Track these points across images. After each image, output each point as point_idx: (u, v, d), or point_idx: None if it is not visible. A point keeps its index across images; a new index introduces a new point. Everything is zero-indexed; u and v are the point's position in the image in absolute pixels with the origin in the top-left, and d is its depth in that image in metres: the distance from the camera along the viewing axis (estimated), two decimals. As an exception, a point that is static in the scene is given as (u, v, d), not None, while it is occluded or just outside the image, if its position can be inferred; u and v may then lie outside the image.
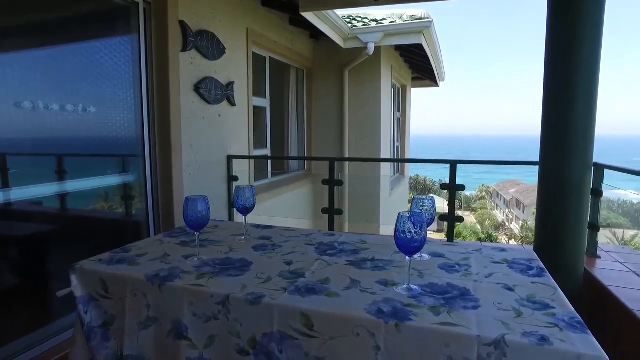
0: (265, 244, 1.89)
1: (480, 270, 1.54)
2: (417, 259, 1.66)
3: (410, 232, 1.29)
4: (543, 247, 2.81)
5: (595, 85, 2.55)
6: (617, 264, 3.00)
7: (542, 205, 2.80)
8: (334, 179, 3.72)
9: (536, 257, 1.68)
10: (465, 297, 1.29)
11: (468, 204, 41.49)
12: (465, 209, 40.78)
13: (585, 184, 2.68)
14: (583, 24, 2.50)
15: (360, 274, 1.50)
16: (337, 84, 6.24)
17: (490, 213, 38.34)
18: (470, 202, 41.97)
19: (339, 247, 1.84)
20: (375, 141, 6.19)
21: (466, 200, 42.11)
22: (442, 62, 7.75)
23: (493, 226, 34.67)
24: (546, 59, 2.66)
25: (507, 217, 38.86)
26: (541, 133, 2.73)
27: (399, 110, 8.44)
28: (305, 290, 1.35)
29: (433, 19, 5.33)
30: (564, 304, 1.26)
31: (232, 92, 4.18)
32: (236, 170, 4.29)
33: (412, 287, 1.35)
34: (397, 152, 8.33)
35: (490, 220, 35.99)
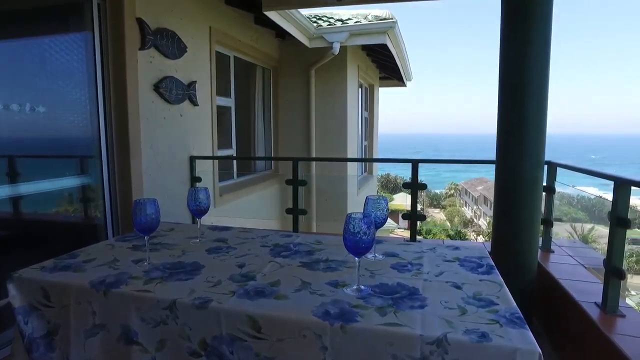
0: (220, 247, 1.85)
1: (431, 269, 1.56)
2: (371, 259, 1.67)
3: (359, 233, 1.30)
4: (500, 242, 2.89)
5: (546, 88, 2.64)
6: (569, 258, 3.12)
7: (498, 203, 2.88)
8: (297, 179, 3.71)
9: (487, 255, 1.73)
10: (414, 297, 1.30)
11: (438, 201, 42.39)
12: (435, 206, 41.64)
13: (538, 181, 2.76)
14: (533, 30, 2.58)
15: (311, 276, 1.49)
16: (303, 84, 6.22)
17: (459, 210, 39.30)
18: (440, 200, 42.88)
19: (294, 248, 1.83)
20: (342, 140, 6.22)
21: (436, 198, 43.02)
22: (408, 62, 7.86)
23: (462, 223, 35.55)
24: (500, 66, 2.74)
25: (475, 214, 39.92)
26: (497, 133, 2.81)
27: (367, 110, 8.51)
28: (254, 293, 1.34)
29: (397, 19, 5.40)
30: (508, 300, 1.29)
31: (194, 91, 4.10)
32: (200, 170, 4.22)
33: (362, 288, 1.36)
34: (365, 151, 8.41)
35: (459, 217, 36.90)
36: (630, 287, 25.71)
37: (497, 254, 2.88)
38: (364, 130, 8.32)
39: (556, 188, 3.17)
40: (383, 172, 42.44)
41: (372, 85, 8.70)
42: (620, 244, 2.16)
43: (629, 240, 30.15)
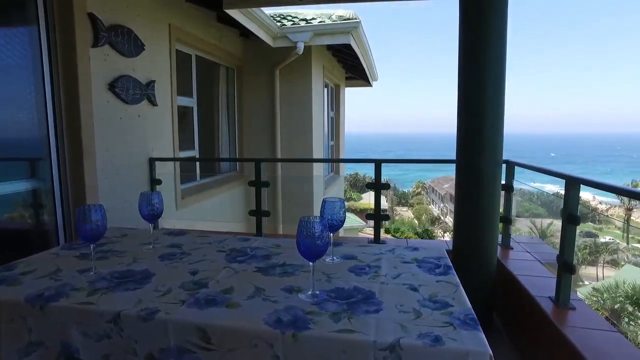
0: (174, 253, 1.78)
1: (389, 271, 1.55)
2: (329, 262, 1.65)
3: (313, 237, 1.26)
4: (461, 240, 2.94)
5: (502, 89, 2.69)
6: (526, 254, 3.21)
7: (458, 201, 2.92)
8: (260, 181, 3.65)
9: (445, 255, 1.73)
10: (369, 301, 1.28)
11: (406, 199, 43.12)
12: (403, 204, 42.34)
13: (497, 180, 2.82)
14: (489, 34, 2.64)
15: (266, 281, 1.45)
16: (268, 83, 6.15)
17: (426, 208, 40.12)
18: (407, 198, 43.63)
19: (251, 252, 1.77)
20: (307, 140, 6.19)
21: (404, 196, 43.75)
22: (373, 62, 7.91)
23: (429, 220, 36.31)
24: (459, 68, 2.78)
25: (442, 211, 40.88)
26: (457, 133, 2.85)
27: (333, 109, 8.51)
28: (204, 302, 1.28)
29: (361, 19, 5.42)
30: (463, 301, 1.29)
31: (153, 91, 3.96)
32: (160, 172, 4.08)
33: (317, 293, 1.32)
34: (332, 150, 8.41)
35: (427, 215, 37.66)
36: (583, 276, 27.02)
37: (459, 252, 2.93)
38: (331, 130, 8.33)
39: (518, 185, 3.25)
40: (352, 171, 42.76)
41: (338, 85, 8.71)
42: (571, 240, 2.23)
43: (582, 233, 31.70)
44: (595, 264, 29.80)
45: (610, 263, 29.27)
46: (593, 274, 28.59)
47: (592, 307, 12.12)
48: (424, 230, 26.18)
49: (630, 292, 18.91)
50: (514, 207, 9.45)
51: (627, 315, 18.82)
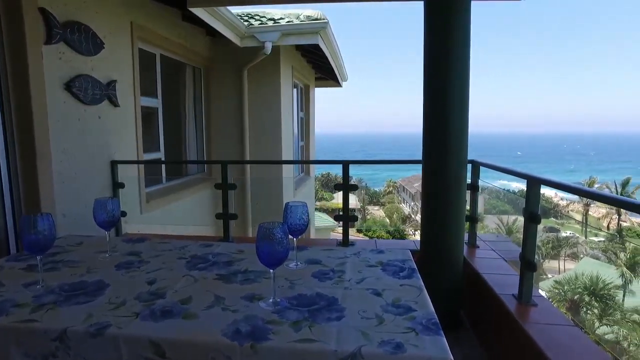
0: (131, 261, 1.70)
1: (353, 275, 1.53)
2: (292, 267, 1.61)
3: (273, 244, 1.22)
4: (428, 240, 2.96)
5: (466, 90, 2.72)
6: (492, 252, 3.27)
7: (425, 201, 2.95)
8: (227, 183, 3.57)
9: (410, 258, 1.72)
10: (332, 308, 1.26)
11: (377, 199, 43.60)
12: (374, 203, 42.80)
13: (462, 179, 2.85)
14: (453, 36, 2.67)
15: (227, 289, 1.40)
16: (236, 84, 6.05)
17: (397, 207, 40.68)
18: (379, 197, 44.11)
19: (213, 259, 1.72)
20: (276, 141, 6.12)
21: (375, 196, 44.22)
22: (342, 62, 7.92)
23: (400, 219, 36.85)
24: (424, 69, 2.80)
25: (413, 210, 41.53)
26: (422, 133, 2.87)
27: (303, 110, 8.47)
28: (160, 313, 1.22)
29: (328, 19, 5.41)
30: (426, 305, 1.29)
31: (114, 91, 3.81)
32: (123, 176, 3.93)
33: (278, 301, 1.29)
34: (302, 151, 8.37)
35: (398, 214, 38.20)
36: (547, 270, 28.09)
37: (426, 252, 2.95)
38: (300, 131, 8.29)
39: (486, 183, 3.31)
40: (324, 171, 42.87)
41: (308, 85, 8.68)
42: (532, 238, 2.28)
43: (546, 228, 32.95)
44: (557, 257, 31.04)
45: (570, 256, 30.54)
46: (555, 267, 29.77)
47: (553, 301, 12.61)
48: (396, 228, 26.53)
49: (588, 283, 19.82)
50: (481, 205, 9.68)
51: (585, 305, 19.72)
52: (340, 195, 10.59)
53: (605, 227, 37.80)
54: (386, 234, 29.05)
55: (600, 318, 19.40)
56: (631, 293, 20.28)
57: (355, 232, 34.49)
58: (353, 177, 36.92)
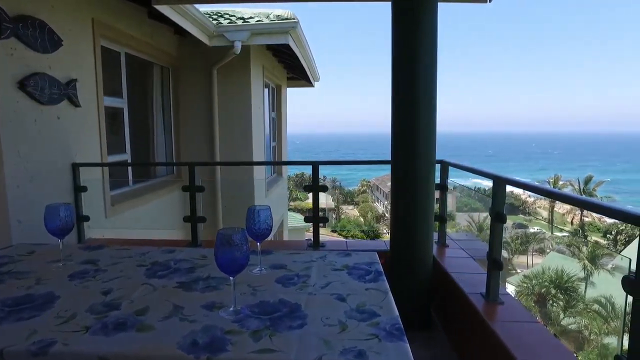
0: (87, 270, 1.61)
1: (318, 280, 1.50)
2: (256, 273, 1.57)
3: (232, 250, 1.18)
4: (398, 240, 2.96)
5: (434, 92, 2.74)
6: (461, 251, 3.31)
7: (394, 201, 2.95)
8: (194, 185, 3.48)
9: (377, 260, 1.71)
10: (294, 315, 1.22)
11: (351, 198, 43.85)
12: (349, 203, 43.05)
13: (431, 179, 2.87)
14: (421, 37, 2.68)
15: (187, 298, 1.34)
16: (205, 84, 5.93)
17: (371, 206, 41.02)
18: (353, 197, 44.36)
19: (175, 265, 1.65)
20: (247, 142, 6.03)
21: (349, 195, 44.47)
22: (314, 62, 7.89)
23: (374, 218, 37.19)
24: (393, 72, 2.80)
25: (387, 209, 41.94)
26: (391, 134, 2.87)
27: (274, 110, 8.40)
28: (113, 326, 1.15)
29: (299, 19, 5.36)
30: (390, 310, 1.27)
31: (74, 90, 3.65)
32: (86, 179, 3.78)
33: (239, 309, 1.24)
34: (273, 152, 8.29)
35: (372, 213, 38.53)
36: (516, 265, 28.95)
37: (396, 252, 2.96)
38: (272, 131, 8.21)
39: (459, 182, 3.34)
40: (298, 171, 42.78)
41: (280, 85, 8.61)
42: (499, 237, 2.31)
43: (515, 225, 33.97)
44: (526, 253, 32.04)
45: (538, 251, 31.58)
46: (524, 262, 30.70)
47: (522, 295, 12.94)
48: (370, 228, 26.73)
49: (554, 277, 20.59)
50: (453, 203, 9.86)
51: (551, 298, 20.48)
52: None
53: (570, 222, 39.29)
54: (360, 234, 29.24)
55: (565, 310, 20.19)
56: (592, 285, 21.14)
57: (330, 232, 34.64)
58: (327, 177, 37.25)
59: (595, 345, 16.98)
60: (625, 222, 1.39)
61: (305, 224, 20.69)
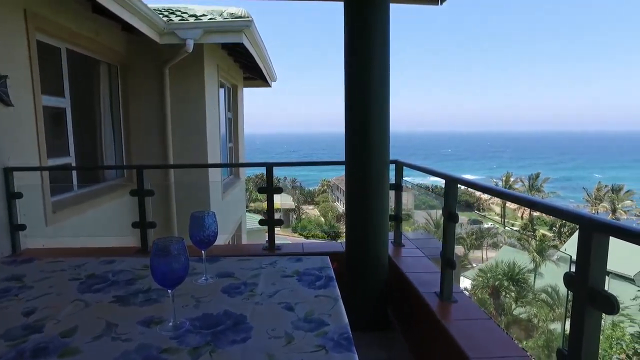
0: (9, 288, 1.46)
1: (266, 288, 1.43)
2: (202, 283, 1.48)
3: (169, 261, 1.09)
4: (353, 240, 2.94)
5: (387, 93, 2.74)
6: (417, 250, 3.34)
7: (349, 202, 2.93)
8: (143, 189, 3.31)
9: (328, 265, 1.66)
10: (238, 327, 1.15)
11: (312, 198, 43.87)
12: (309, 203, 43.06)
13: (385, 180, 2.87)
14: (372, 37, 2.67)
15: (123, 314, 1.24)
16: (156, 83, 5.69)
17: (332, 205, 41.22)
18: (313, 197, 44.40)
19: (113, 278, 1.53)
20: (202, 144, 5.84)
21: (310, 195, 44.50)
22: (270, 62, 7.78)
23: (335, 217, 37.38)
24: (345, 73, 2.77)
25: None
26: (345, 135, 2.84)
27: (231, 111, 8.21)
28: (31, 353, 1.03)
29: (253, 18, 5.25)
30: (339, 318, 1.22)
31: (4, 88, 3.37)
32: (22, 185, 3.51)
33: (179, 324, 1.16)
34: (230, 153, 8.11)
35: (332, 212, 38.72)
36: (472, 260, 30.06)
37: (351, 252, 2.94)
38: (229, 132, 8.02)
39: (416, 180, 3.35)
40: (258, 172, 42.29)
41: (236, 85, 8.43)
42: (451, 237, 2.33)
43: (470, 221, 35.28)
44: (480, 247, 33.33)
45: (492, 246, 32.94)
46: (479, 257, 31.93)
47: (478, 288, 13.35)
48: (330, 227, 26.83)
49: (506, 270, 21.60)
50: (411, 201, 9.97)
51: (504, 290, 21.48)
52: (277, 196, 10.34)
53: (520, 217, 41.27)
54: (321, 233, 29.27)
55: (517, 300, 21.21)
56: (540, 275, 22.30)
57: (291, 233, 34.51)
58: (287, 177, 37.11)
59: (543, 331, 17.92)
60: (565, 219, 1.42)
61: (265, 226, 20.46)
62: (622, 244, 1.20)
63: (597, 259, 1.26)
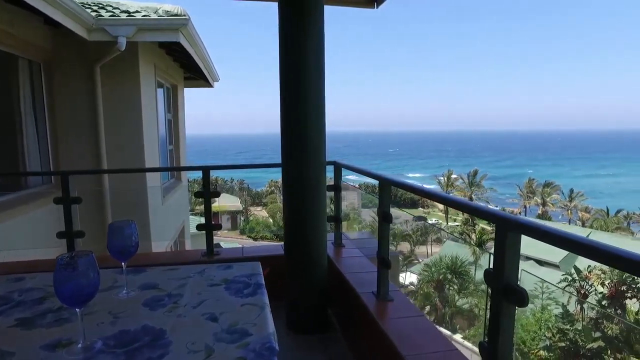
0: None
1: (191, 299, 1.38)
2: (123, 296, 1.40)
3: (75, 278, 1.02)
4: (291, 242, 2.92)
5: (322, 94, 2.74)
6: (356, 250, 3.39)
7: (286, 204, 2.90)
8: (68, 197, 3.10)
9: (259, 272, 1.63)
10: (156, 343, 1.09)
11: (260, 199, 43.45)
12: (257, 204, 42.61)
13: (321, 181, 2.86)
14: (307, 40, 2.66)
15: (25, 338, 1.14)
16: (87, 82, 5.34)
17: (280, 206, 41.05)
18: (262, 198, 43.98)
19: (19, 297, 1.41)
20: (138, 147, 5.56)
21: (258, 196, 44.04)
22: (211, 62, 7.57)
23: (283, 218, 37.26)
24: (280, 74, 2.74)
25: (296, 208, 42.20)
26: (281, 137, 2.82)
27: (171, 111, 7.91)
28: None
29: (190, 16, 5.08)
30: (264, 326, 1.20)
31: None
32: None
33: (90, 345, 1.08)
34: (171, 155, 7.81)
35: (281, 213, 38.58)
36: (418, 255, 31.18)
37: (290, 254, 2.92)
38: (169, 134, 7.73)
39: (362, 179, 3.38)
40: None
41: (176, 85, 8.13)
42: (386, 237, 2.37)
43: (415, 218, 36.52)
44: (426, 243, 34.65)
45: (436, 241, 34.34)
46: (424, 252, 33.19)
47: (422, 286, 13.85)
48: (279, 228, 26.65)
49: (449, 263, 22.64)
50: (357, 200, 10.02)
51: (448, 282, 22.52)
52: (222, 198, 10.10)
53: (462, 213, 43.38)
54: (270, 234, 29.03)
55: (459, 292, 22.28)
56: (480, 267, 23.58)
57: (239, 235, 33.95)
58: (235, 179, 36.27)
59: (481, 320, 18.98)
60: (484, 219, 1.49)
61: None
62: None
63: (511, 256, 1.33)
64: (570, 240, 1.11)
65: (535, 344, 17.00)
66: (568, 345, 15.27)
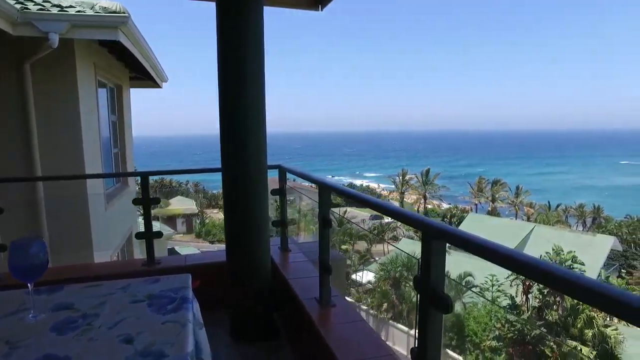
0: None
1: (109, 318, 1.29)
2: (30, 320, 1.28)
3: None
4: (233, 248, 2.84)
5: (262, 96, 2.69)
6: (301, 255, 3.35)
7: (227, 209, 2.82)
8: (-11, 207, 2.85)
9: (187, 285, 1.55)
10: (58, 373, 1.00)
11: (216, 201, 42.55)
12: (213, 206, 41.73)
13: (262, 185, 2.80)
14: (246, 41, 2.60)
15: None
16: (15, 81, 4.95)
17: (238, 208, 40.36)
18: (218, 200, 43.08)
19: None
20: (76, 151, 5.23)
21: (214, 198, 43.14)
22: (157, 61, 7.27)
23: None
24: (219, 76, 2.67)
25: (254, 210, 41.66)
26: (220, 141, 2.74)
27: (115, 113, 7.54)
28: None
29: (130, 14, 4.85)
30: (183, 345, 1.13)
31: None
32: None
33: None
34: (116, 159, 7.44)
35: (239, 215, 37.93)
36: (375, 254, 31.71)
37: (233, 261, 2.85)
38: (113, 136, 7.36)
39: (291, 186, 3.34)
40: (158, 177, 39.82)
41: (120, 85, 7.77)
42: (327, 242, 2.36)
43: (371, 216, 37.15)
44: (382, 241, 35.28)
45: (392, 239, 35.04)
46: (381, 250, 33.79)
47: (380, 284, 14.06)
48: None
49: (405, 261, 23.16)
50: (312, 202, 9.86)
51: (404, 280, 23.03)
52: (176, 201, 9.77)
53: (416, 210, 44.63)
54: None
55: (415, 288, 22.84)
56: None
57: (194, 238, 33.04)
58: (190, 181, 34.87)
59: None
60: (412, 226, 1.50)
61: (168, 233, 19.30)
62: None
63: (437, 263, 1.35)
64: (488, 249, 1.12)
65: (486, 335, 17.81)
66: (515, 334, 16.13)
